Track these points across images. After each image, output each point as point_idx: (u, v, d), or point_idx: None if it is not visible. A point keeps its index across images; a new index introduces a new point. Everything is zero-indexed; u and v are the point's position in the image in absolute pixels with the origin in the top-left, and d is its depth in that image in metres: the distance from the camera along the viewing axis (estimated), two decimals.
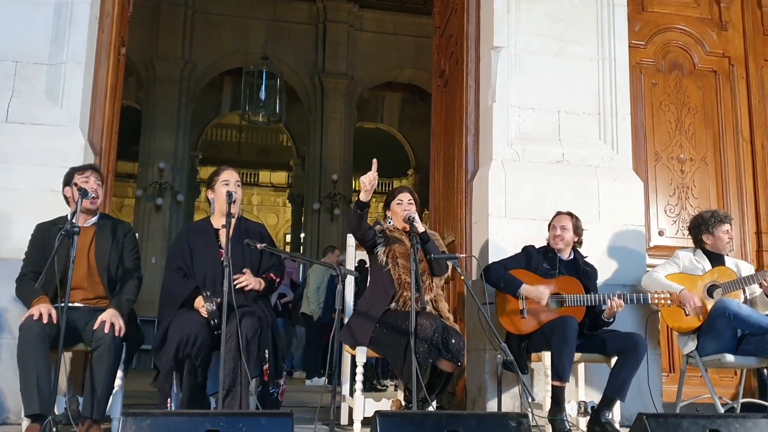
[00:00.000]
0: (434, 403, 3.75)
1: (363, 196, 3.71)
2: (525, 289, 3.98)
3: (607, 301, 3.94)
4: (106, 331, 3.30)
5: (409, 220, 3.73)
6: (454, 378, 3.77)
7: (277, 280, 3.77)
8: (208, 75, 16.33)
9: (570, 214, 4.20)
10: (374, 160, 3.63)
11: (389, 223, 4.08)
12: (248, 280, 3.60)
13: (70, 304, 3.21)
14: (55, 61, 4.38)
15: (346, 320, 4.11)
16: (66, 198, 3.67)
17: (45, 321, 3.26)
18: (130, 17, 5.47)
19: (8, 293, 3.75)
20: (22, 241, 3.82)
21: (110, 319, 3.33)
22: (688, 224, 4.65)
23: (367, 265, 4.26)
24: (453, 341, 3.58)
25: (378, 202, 27.80)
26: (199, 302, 3.48)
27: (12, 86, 4.30)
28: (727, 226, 4.40)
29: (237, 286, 3.49)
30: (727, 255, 4.49)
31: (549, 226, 4.24)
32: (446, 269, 4.00)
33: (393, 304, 3.81)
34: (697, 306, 4.16)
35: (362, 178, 3.65)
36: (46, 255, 3.50)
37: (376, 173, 3.59)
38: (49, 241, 3.52)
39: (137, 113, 16.00)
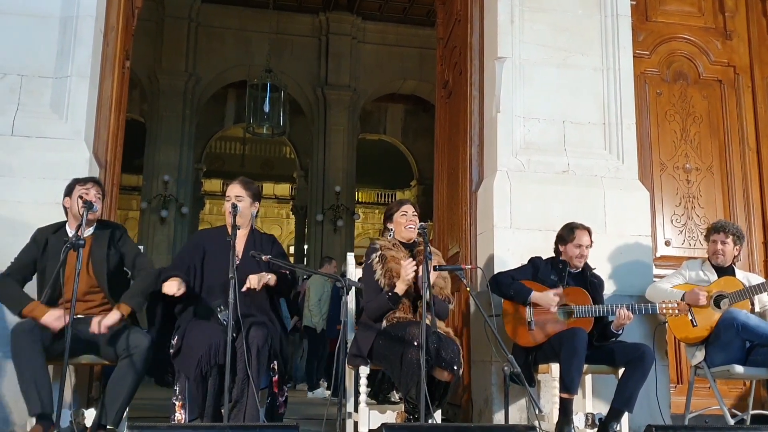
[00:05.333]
0: (439, 414, 3.71)
1: (401, 287, 3.67)
2: (535, 296, 3.93)
3: (616, 312, 3.91)
4: (98, 331, 3.31)
5: (421, 228, 3.68)
6: (452, 387, 3.73)
7: (287, 272, 3.71)
8: (211, 88, 16.39)
9: (588, 229, 4.11)
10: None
11: (390, 235, 4.03)
12: (252, 282, 3.53)
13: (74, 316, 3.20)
14: (60, 75, 4.38)
15: (349, 332, 4.09)
16: (65, 208, 3.67)
17: (59, 326, 3.24)
18: (134, 31, 5.50)
19: None
20: None
21: (105, 318, 3.34)
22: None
23: None
24: (447, 349, 3.54)
25: (369, 213, 27.76)
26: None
27: (17, 100, 4.31)
28: (716, 236, 4.37)
29: (243, 289, 3.47)
30: (734, 266, 4.45)
31: (564, 238, 4.13)
32: (447, 314, 3.97)
33: (384, 323, 3.77)
34: (702, 301, 4.13)
35: (407, 265, 3.60)
36: (36, 260, 3.54)
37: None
38: (43, 247, 3.54)
39: (141, 126, 16.05)
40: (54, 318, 3.28)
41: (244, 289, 3.47)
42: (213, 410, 3.32)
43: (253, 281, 3.52)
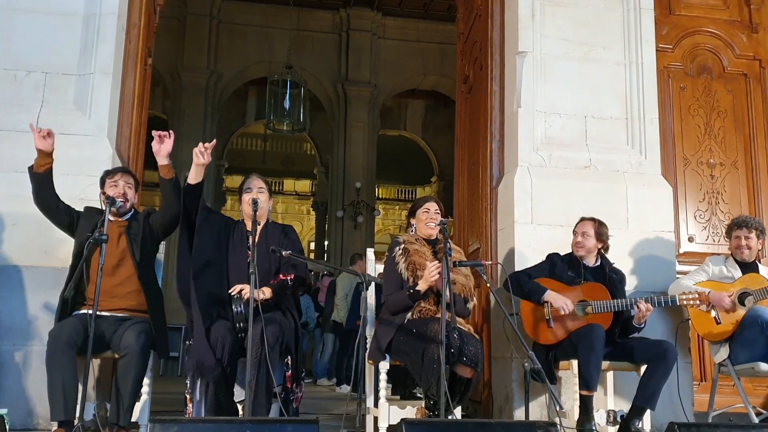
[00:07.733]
0: (459, 411, 3.70)
1: (423, 286, 3.68)
2: (549, 295, 3.92)
3: (634, 306, 3.88)
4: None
5: (441, 224, 3.69)
6: (473, 384, 3.72)
7: (289, 278, 3.64)
8: (233, 85, 16.46)
9: (593, 219, 4.11)
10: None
11: (412, 231, 4.04)
12: (245, 291, 3.43)
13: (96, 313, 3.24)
14: (84, 72, 4.43)
15: (368, 328, 4.09)
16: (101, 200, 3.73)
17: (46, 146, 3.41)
18: (157, 28, 5.53)
19: (39, 301, 3.79)
20: (50, 249, 3.86)
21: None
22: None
23: None
24: (470, 346, 3.54)
25: (389, 209, 27.69)
26: None
27: (42, 97, 4.36)
28: (739, 231, 4.32)
29: (232, 294, 3.48)
30: (758, 262, 4.39)
31: (573, 232, 4.18)
32: (468, 313, 3.96)
33: (409, 315, 3.77)
34: (727, 304, 4.08)
35: (431, 267, 3.61)
36: (70, 213, 3.63)
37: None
38: (76, 221, 3.63)
39: (164, 123, 16.16)
40: (41, 137, 3.45)
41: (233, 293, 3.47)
42: (215, 409, 3.34)
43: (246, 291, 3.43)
